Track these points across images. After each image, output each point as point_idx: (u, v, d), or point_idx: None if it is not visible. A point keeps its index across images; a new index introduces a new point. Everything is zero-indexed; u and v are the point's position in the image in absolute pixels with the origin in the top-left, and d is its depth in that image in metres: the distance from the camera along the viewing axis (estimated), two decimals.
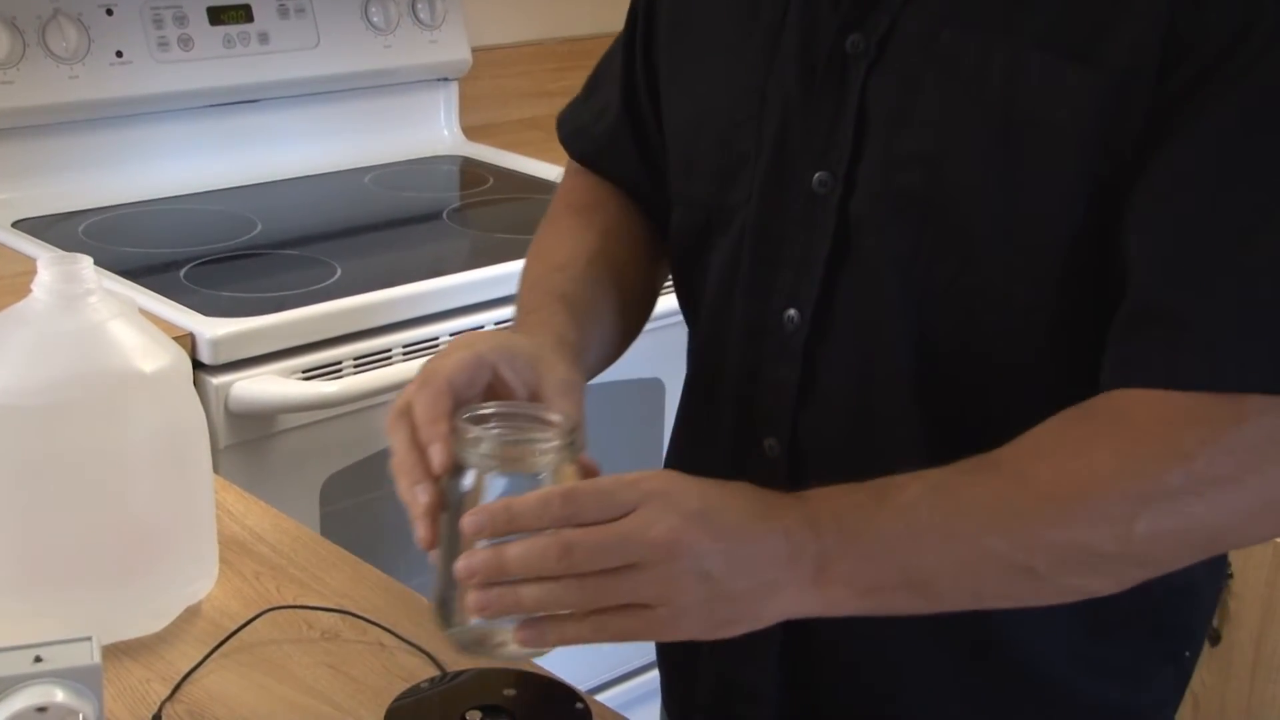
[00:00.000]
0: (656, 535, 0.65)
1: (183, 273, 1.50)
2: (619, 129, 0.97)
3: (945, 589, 0.70)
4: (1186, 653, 0.87)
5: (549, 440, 0.72)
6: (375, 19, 1.89)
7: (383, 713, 0.80)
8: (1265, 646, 1.58)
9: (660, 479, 0.69)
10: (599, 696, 0.96)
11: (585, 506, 0.66)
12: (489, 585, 0.67)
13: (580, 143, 1.00)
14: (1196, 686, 1.57)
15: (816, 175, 0.79)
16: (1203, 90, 0.69)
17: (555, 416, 0.74)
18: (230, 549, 0.99)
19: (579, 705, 0.78)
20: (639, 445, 1.64)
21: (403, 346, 1.44)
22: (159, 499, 0.89)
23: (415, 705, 0.79)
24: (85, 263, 0.86)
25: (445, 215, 1.77)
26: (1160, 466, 0.68)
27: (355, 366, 1.41)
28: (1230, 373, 0.68)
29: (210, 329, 1.34)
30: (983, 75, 0.74)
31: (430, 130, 2.01)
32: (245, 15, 1.79)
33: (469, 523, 0.67)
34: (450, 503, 0.72)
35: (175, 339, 0.92)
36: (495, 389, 0.76)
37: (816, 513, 0.69)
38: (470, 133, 2.04)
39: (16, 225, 1.61)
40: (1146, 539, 0.68)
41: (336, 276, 1.50)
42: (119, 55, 1.69)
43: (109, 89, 1.69)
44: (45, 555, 0.87)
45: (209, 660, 0.88)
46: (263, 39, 1.80)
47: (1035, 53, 0.72)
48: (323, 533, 1.12)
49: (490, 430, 0.73)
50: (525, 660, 0.73)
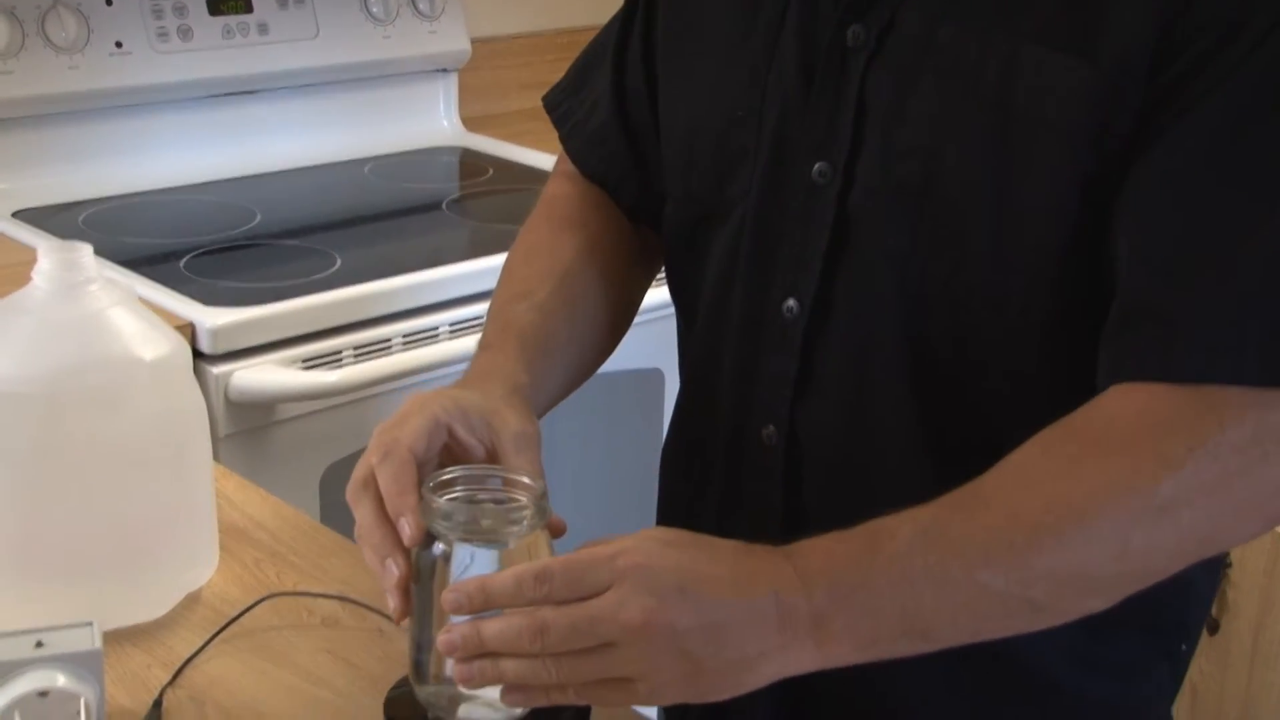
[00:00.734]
0: (630, 618, 0.66)
1: (182, 263, 1.51)
2: (609, 125, 0.97)
3: (945, 631, 0.69)
4: (1183, 647, 0.87)
5: (520, 509, 0.73)
6: (374, 10, 1.90)
7: (382, 699, 0.80)
8: (1263, 635, 1.58)
9: (637, 552, 0.68)
10: None
11: (558, 587, 0.67)
12: (470, 659, 0.68)
13: (574, 141, 1.00)
14: (1194, 676, 1.58)
15: (816, 166, 0.80)
16: (1192, 86, 0.70)
17: (524, 479, 0.75)
18: (230, 536, 1.00)
19: None
20: (639, 436, 1.64)
21: (402, 336, 1.44)
22: (159, 486, 0.89)
23: (414, 692, 0.80)
24: (85, 251, 0.87)
25: (445, 206, 1.77)
26: (1149, 480, 0.67)
27: (355, 356, 1.41)
28: (1223, 366, 0.68)
29: (210, 318, 1.34)
30: (979, 70, 0.74)
31: (430, 121, 2.01)
32: (244, 6, 1.79)
33: (447, 600, 0.69)
34: (421, 569, 0.73)
35: (175, 328, 0.92)
36: (451, 449, 0.77)
37: (806, 571, 0.69)
38: (470, 124, 2.05)
39: (16, 215, 1.62)
40: (1142, 553, 0.68)
41: (336, 266, 1.51)
42: (118, 45, 1.70)
43: (109, 79, 1.69)
44: (46, 542, 0.87)
45: (210, 646, 0.88)
46: (262, 29, 1.80)
47: (1031, 48, 0.73)
48: (323, 523, 1.13)
49: (458, 499, 0.74)
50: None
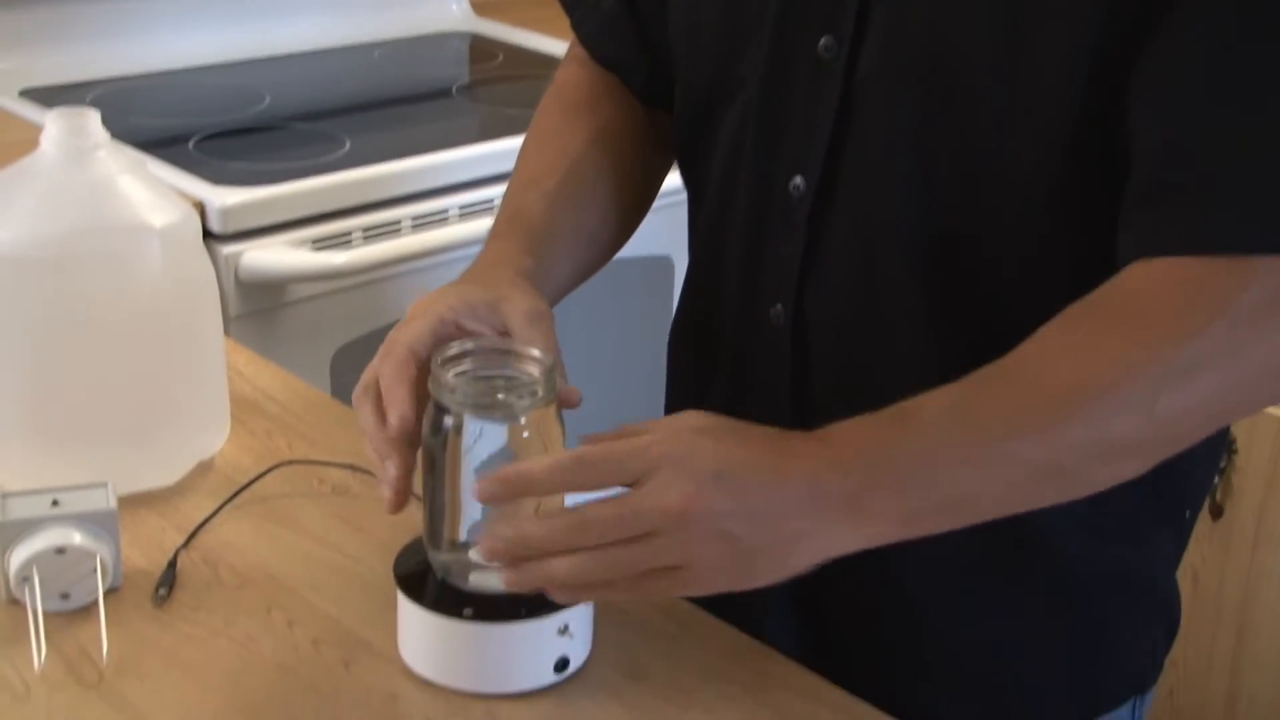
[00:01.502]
0: (670, 504, 0.66)
1: (191, 144, 1.50)
2: (619, 8, 0.96)
3: (981, 503, 0.70)
4: (1186, 513, 0.88)
5: (529, 382, 0.73)
6: None
7: (392, 562, 0.81)
8: (1266, 520, 1.59)
9: (673, 440, 0.68)
10: None
11: (595, 474, 0.68)
12: (517, 563, 0.69)
13: (585, 26, 0.98)
14: (1196, 561, 1.59)
15: (822, 40, 0.79)
16: None
17: (534, 352, 0.75)
18: (241, 408, 1.01)
19: None
20: (648, 322, 1.65)
21: (412, 219, 1.44)
22: (170, 353, 0.90)
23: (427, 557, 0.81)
24: (94, 116, 0.86)
25: (454, 91, 1.76)
26: (1171, 347, 0.68)
27: (365, 238, 1.41)
28: (1250, 234, 0.68)
29: (220, 198, 1.34)
30: None
31: (439, 5, 1.99)
32: None
33: (483, 491, 0.69)
34: (432, 440, 0.73)
35: None
36: None
37: (840, 454, 0.69)
38: (480, 9, 2.02)
39: (24, 94, 1.61)
40: (1167, 419, 0.69)
41: (346, 149, 1.50)
42: None
43: None
44: (59, 407, 0.88)
45: (222, 511, 0.90)
46: None
47: None
48: None
49: (466, 373, 0.74)
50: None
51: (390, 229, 1.43)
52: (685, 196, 0.97)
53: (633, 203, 0.95)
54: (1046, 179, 0.74)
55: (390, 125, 1.65)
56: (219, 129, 1.55)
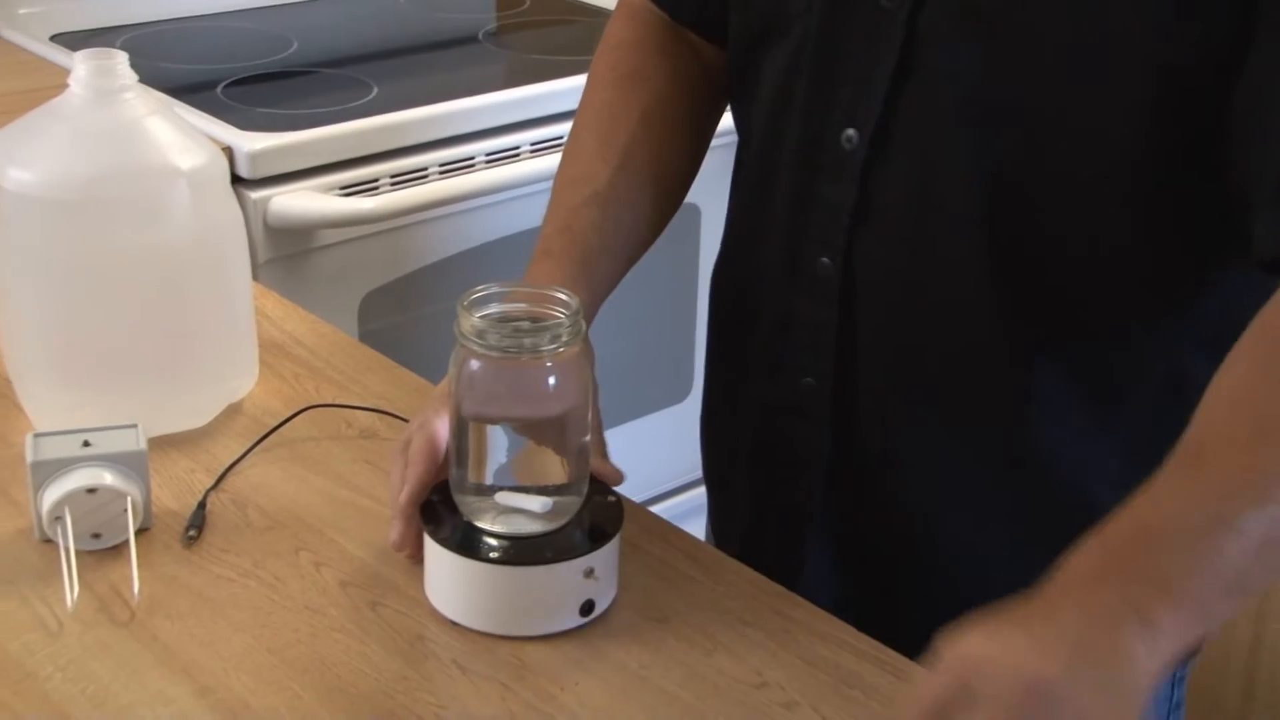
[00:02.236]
0: (1012, 685, 0.58)
1: (220, 89, 1.49)
2: None
3: (1255, 574, 0.63)
4: None
5: (555, 324, 0.72)
6: None
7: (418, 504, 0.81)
8: None
9: (967, 647, 0.60)
10: None
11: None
12: None
13: None
14: None
15: None
16: None
17: (559, 294, 0.74)
18: (270, 352, 1.00)
19: (610, 498, 0.79)
20: (673, 270, 1.64)
21: (439, 165, 1.43)
22: (198, 295, 0.89)
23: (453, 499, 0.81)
24: (122, 58, 0.86)
25: (481, 36, 1.74)
26: None
27: (392, 183, 1.40)
28: None
29: (248, 143, 1.33)
30: None
31: None
32: None
33: None
34: (459, 389, 0.73)
35: None
36: None
37: (1093, 571, 0.62)
38: None
39: (54, 39, 1.60)
40: None
41: (373, 94, 1.49)
42: None
43: None
44: (89, 349, 0.88)
45: (251, 454, 0.90)
46: None
47: None
48: None
49: (491, 316, 0.73)
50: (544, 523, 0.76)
51: (417, 175, 1.42)
52: (714, 145, 0.95)
53: (683, 175, 0.93)
54: (1113, 134, 0.72)
55: (417, 71, 1.64)
56: (247, 74, 1.54)
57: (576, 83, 0.95)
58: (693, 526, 0.86)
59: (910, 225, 0.79)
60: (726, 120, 0.96)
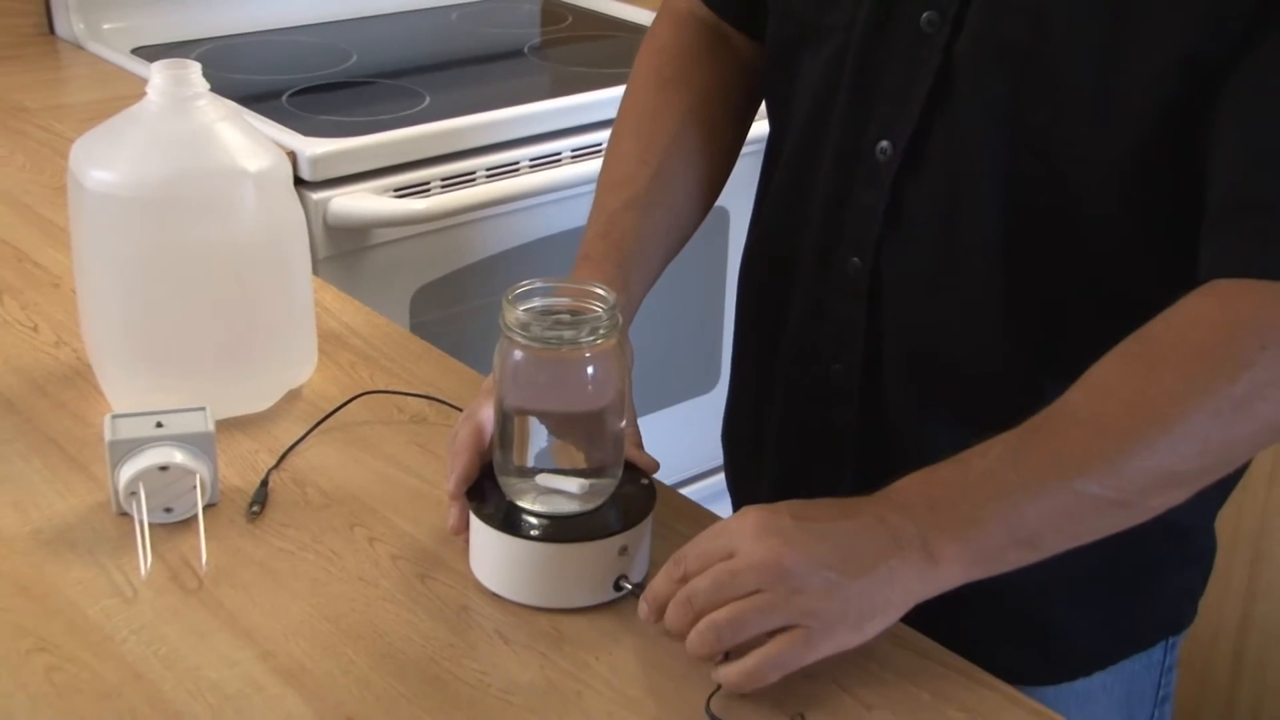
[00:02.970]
0: (761, 559, 0.66)
1: (285, 98, 1.49)
2: None
3: (1048, 539, 0.68)
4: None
5: (594, 318, 0.72)
6: None
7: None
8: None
9: (744, 516, 0.68)
10: None
11: (690, 564, 0.68)
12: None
13: None
14: None
15: (925, 15, 0.75)
16: None
17: (598, 289, 0.73)
18: (328, 341, 1.00)
19: (644, 481, 0.78)
20: (703, 270, 1.63)
21: (486, 169, 1.42)
22: (263, 288, 0.89)
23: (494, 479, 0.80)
24: (195, 68, 0.85)
25: (526, 50, 1.73)
26: (1226, 379, 0.65)
27: (443, 186, 1.40)
28: None
29: (310, 148, 1.33)
30: None
31: None
32: None
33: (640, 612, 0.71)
34: (502, 377, 0.72)
35: None
36: None
37: (904, 498, 0.68)
38: None
39: (135, 52, 1.61)
40: (1221, 448, 0.66)
41: (426, 103, 1.49)
42: None
43: None
44: (162, 338, 0.88)
45: (310, 436, 0.89)
46: None
47: None
48: None
49: (534, 309, 0.72)
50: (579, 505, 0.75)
51: (466, 178, 1.41)
52: (743, 151, 0.94)
53: (720, 171, 0.92)
54: (1123, 164, 0.71)
55: (466, 82, 1.63)
56: (310, 84, 1.54)
57: (614, 93, 0.94)
58: (720, 508, 0.85)
59: (936, 231, 0.78)
60: (754, 130, 0.95)
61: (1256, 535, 1.59)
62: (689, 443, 1.59)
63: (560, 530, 0.74)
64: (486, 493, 0.76)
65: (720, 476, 1.03)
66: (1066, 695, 0.85)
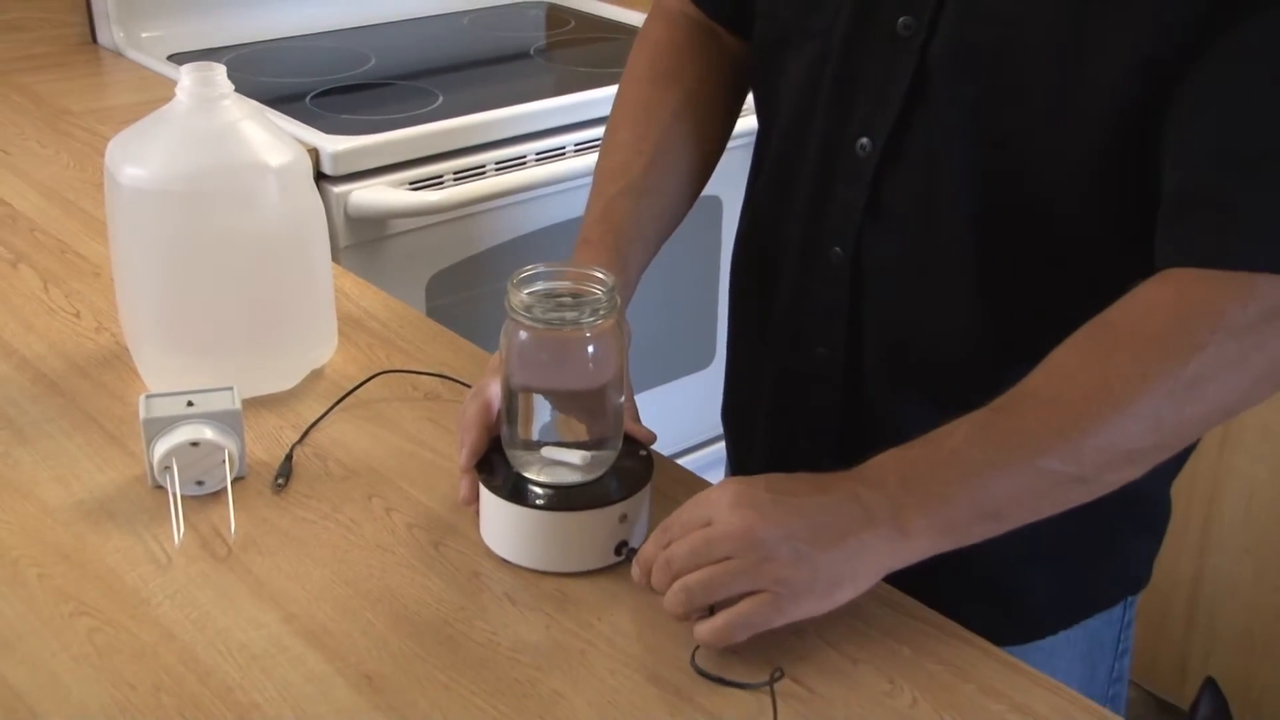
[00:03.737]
0: (735, 528, 0.65)
1: (308, 99, 1.48)
2: None
3: (1012, 513, 0.67)
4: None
5: (594, 300, 0.70)
6: None
7: None
8: (1233, 424, 1.54)
9: (724, 488, 0.68)
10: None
11: (674, 532, 0.68)
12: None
13: None
14: None
15: (901, 19, 0.73)
16: None
17: (596, 273, 0.72)
18: (347, 324, 0.99)
19: (642, 453, 0.77)
20: (698, 255, 1.61)
21: (495, 163, 1.41)
22: (286, 275, 0.88)
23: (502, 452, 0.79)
24: (220, 70, 0.84)
25: (532, 52, 1.71)
26: (1178, 363, 0.64)
27: (455, 179, 1.38)
28: (1256, 253, 0.63)
29: (332, 145, 1.32)
30: None
31: None
32: None
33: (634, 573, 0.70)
34: (508, 357, 0.71)
35: None
36: None
37: (878, 475, 0.67)
38: None
39: (170, 58, 1.59)
40: (1174, 427, 0.65)
41: (439, 102, 1.47)
42: None
43: None
44: (194, 322, 0.87)
45: (331, 413, 0.88)
46: None
47: None
48: None
49: (538, 292, 0.71)
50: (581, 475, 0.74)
51: (477, 172, 1.40)
52: (734, 143, 0.92)
53: (710, 159, 0.90)
54: (1088, 163, 0.69)
55: (477, 82, 1.61)
56: (332, 86, 1.53)
57: (614, 92, 0.92)
58: (714, 477, 0.84)
59: (913, 222, 0.76)
60: (744, 123, 0.93)
61: (1209, 497, 1.58)
62: (685, 416, 1.58)
63: (564, 499, 0.72)
64: (495, 465, 0.75)
65: (713, 448, 1.02)
66: (1032, 652, 0.84)
